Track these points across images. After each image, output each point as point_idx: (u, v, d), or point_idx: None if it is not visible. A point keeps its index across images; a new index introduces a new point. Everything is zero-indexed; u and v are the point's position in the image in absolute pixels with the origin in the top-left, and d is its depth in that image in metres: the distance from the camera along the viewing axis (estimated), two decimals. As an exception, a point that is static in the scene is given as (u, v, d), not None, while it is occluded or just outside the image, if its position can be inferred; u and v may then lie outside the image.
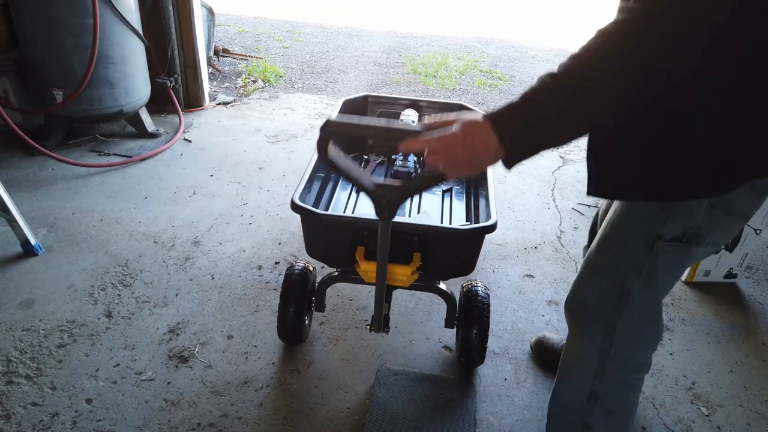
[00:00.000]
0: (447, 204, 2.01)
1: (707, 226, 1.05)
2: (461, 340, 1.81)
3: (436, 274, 1.69)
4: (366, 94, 2.31)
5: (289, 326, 1.80)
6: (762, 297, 2.34)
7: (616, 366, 1.23)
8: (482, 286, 1.81)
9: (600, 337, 1.22)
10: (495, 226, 1.53)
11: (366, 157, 2.20)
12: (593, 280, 1.23)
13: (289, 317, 1.78)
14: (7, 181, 2.70)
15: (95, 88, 2.94)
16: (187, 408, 1.66)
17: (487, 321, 1.75)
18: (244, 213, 2.66)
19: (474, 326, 1.74)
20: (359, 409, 1.69)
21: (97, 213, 2.58)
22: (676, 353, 2.00)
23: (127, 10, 2.97)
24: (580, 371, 1.28)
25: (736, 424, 1.74)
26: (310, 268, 1.85)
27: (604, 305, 1.21)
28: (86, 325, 1.93)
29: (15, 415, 1.60)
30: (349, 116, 0.99)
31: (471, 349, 1.78)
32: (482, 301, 1.76)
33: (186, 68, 3.72)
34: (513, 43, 6.46)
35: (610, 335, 1.21)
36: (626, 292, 1.16)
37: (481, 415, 1.70)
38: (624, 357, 1.23)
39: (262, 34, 6.08)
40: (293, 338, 1.87)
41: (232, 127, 3.61)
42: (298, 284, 1.78)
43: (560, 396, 1.38)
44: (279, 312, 1.79)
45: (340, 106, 2.15)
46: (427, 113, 2.21)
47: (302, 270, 1.81)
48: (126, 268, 2.23)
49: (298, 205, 1.51)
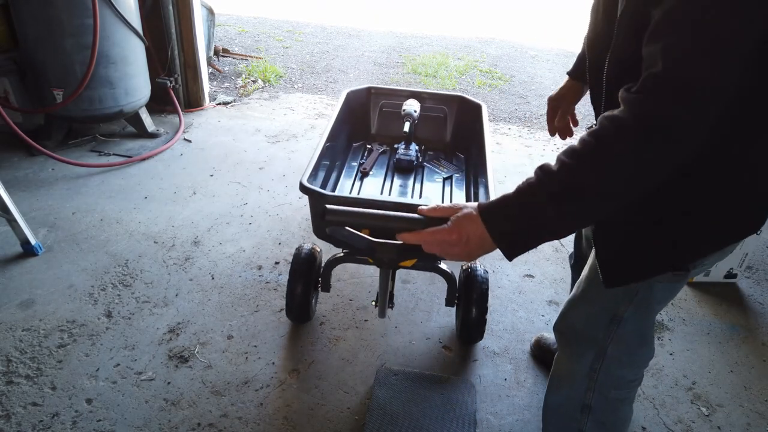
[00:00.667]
0: (447, 191, 2.08)
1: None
2: (461, 318, 1.90)
3: (438, 257, 1.74)
4: (369, 86, 2.39)
5: (297, 304, 1.90)
6: (762, 297, 2.34)
7: (607, 383, 1.23)
8: (481, 267, 1.89)
9: (590, 356, 1.21)
10: None
11: (369, 146, 2.29)
12: (585, 307, 1.22)
13: (297, 296, 1.87)
14: (7, 181, 2.70)
15: (95, 88, 2.94)
16: (187, 408, 1.66)
17: (486, 299, 1.84)
18: (244, 213, 2.66)
19: (473, 304, 1.84)
20: (359, 409, 1.69)
21: (97, 213, 2.58)
22: (676, 353, 2.00)
23: (127, 10, 2.97)
24: (571, 385, 1.28)
25: (736, 424, 1.74)
26: (317, 250, 1.95)
27: (594, 330, 1.19)
28: (86, 325, 1.93)
29: (15, 415, 1.60)
30: (347, 208, 1.15)
31: (470, 327, 1.88)
32: (481, 280, 1.85)
33: (186, 68, 3.72)
34: (513, 43, 6.46)
35: (601, 356, 1.20)
36: (618, 318, 1.15)
37: (481, 415, 1.70)
38: (615, 375, 1.22)
39: (262, 34, 6.08)
40: (301, 316, 1.96)
41: (232, 127, 3.61)
42: (306, 264, 1.87)
43: (553, 404, 1.38)
44: (287, 291, 1.88)
45: (344, 97, 2.22)
46: (428, 104, 2.31)
47: (310, 251, 1.91)
48: (126, 268, 2.23)
49: (307, 187, 1.56)
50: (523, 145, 3.70)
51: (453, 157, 2.30)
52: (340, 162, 2.17)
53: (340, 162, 2.17)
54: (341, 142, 2.22)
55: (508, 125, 4.06)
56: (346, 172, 2.14)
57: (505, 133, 3.90)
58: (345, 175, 2.13)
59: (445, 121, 2.41)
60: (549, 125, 1.54)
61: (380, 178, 2.12)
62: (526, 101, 4.58)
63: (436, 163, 2.24)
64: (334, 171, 2.10)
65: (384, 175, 2.14)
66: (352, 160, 2.23)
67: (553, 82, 5.15)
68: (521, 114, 4.29)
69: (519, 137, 3.85)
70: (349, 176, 2.12)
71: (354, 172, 2.15)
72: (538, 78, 5.24)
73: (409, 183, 2.11)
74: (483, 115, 2.14)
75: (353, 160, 2.23)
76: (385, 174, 2.14)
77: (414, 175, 2.16)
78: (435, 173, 2.20)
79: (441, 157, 2.30)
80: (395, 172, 2.16)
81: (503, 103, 4.51)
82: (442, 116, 2.40)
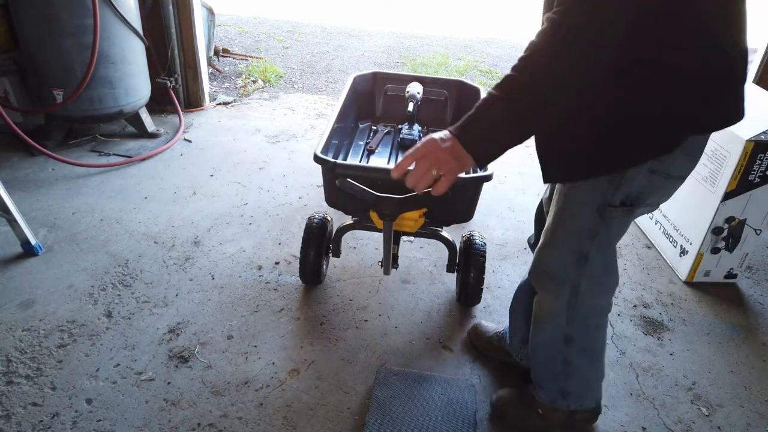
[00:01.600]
0: None
1: (647, 190, 1.23)
2: (460, 284, 2.07)
3: (440, 220, 1.93)
4: (375, 71, 2.56)
5: (310, 267, 2.06)
6: (762, 297, 2.33)
7: (584, 313, 1.42)
8: (479, 236, 2.03)
9: (566, 294, 1.40)
10: (491, 176, 1.70)
11: (375, 127, 2.48)
12: (554, 252, 1.39)
13: (310, 260, 2.04)
14: (7, 181, 2.70)
15: (95, 88, 2.94)
16: (187, 408, 1.66)
17: (483, 266, 1.98)
18: (244, 213, 2.66)
19: (472, 270, 1.98)
20: (359, 409, 1.69)
21: (97, 213, 2.58)
22: (676, 353, 2.00)
23: (128, 10, 2.97)
24: (552, 322, 1.46)
25: (736, 425, 1.74)
26: (328, 218, 2.10)
27: (566, 271, 1.38)
28: (86, 325, 1.93)
29: (15, 415, 1.60)
30: (354, 163, 1.55)
31: (468, 291, 2.03)
32: (479, 248, 1.98)
33: (186, 68, 3.72)
34: (513, 44, 6.46)
35: (576, 291, 1.39)
36: (584, 255, 1.34)
37: (481, 415, 1.70)
38: (589, 306, 1.41)
39: (262, 34, 6.08)
40: (313, 279, 2.13)
41: (232, 127, 3.61)
42: (318, 230, 2.03)
43: (540, 343, 1.53)
44: (301, 255, 2.05)
45: (351, 81, 2.38)
46: (430, 87, 2.46)
47: (322, 218, 2.07)
48: (126, 268, 2.23)
49: (320, 157, 1.70)
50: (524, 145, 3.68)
51: None
52: (348, 142, 2.36)
53: (348, 142, 2.36)
54: (349, 123, 2.38)
55: (508, 125, 4.05)
56: (353, 150, 2.32)
57: (505, 133, 3.90)
58: (352, 153, 2.30)
59: (446, 104, 2.54)
60: None
61: (385, 156, 2.28)
62: (526, 101, 4.57)
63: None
64: (342, 149, 2.27)
65: (389, 153, 2.29)
66: (359, 139, 2.40)
67: (553, 82, 5.15)
68: (521, 114, 4.29)
69: (519, 137, 3.84)
70: (356, 154, 2.30)
71: (361, 150, 2.32)
72: (538, 78, 5.24)
73: None
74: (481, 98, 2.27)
75: (360, 140, 2.39)
76: (389, 152, 2.30)
77: None
78: None
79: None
80: (399, 150, 2.31)
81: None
82: (443, 99, 2.54)
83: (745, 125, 2.07)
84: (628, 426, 1.70)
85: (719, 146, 2.15)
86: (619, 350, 1.99)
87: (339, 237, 2.07)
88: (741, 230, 2.24)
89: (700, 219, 2.25)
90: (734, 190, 2.13)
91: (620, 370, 1.90)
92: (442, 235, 2.02)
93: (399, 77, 2.54)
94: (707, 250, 2.29)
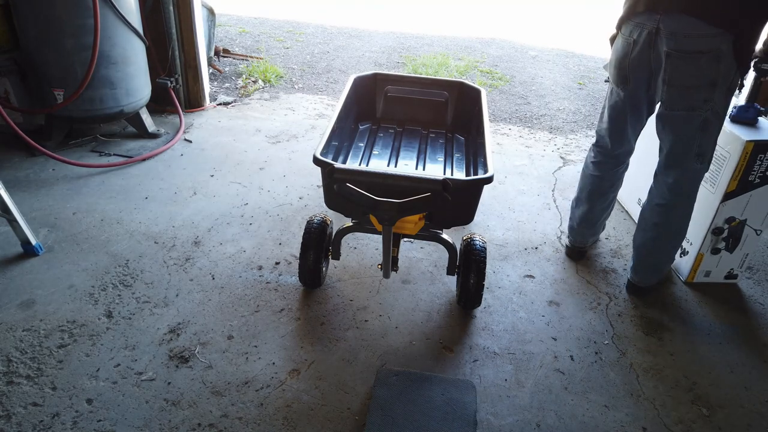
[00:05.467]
0: (449, 172, 2.23)
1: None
2: (461, 286, 2.02)
3: (440, 223, 1.92)
4: (375, 72, 2.55)
5: (309, 270, 2.04)
6: (762, 298, 2.33)
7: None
8: (480, 239, 2.01)
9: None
10: (491, 178, 1.70)
11: (375, 128, 2.47)
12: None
13: (309, 262, 2.02)
14: (8, 181, 2.70)
15: (96, 88, 2.94)
16: (187, 408, 1.66)
17: (484, 268, 1.95)
18: (244, 213, 2.67)
19: (472, 273, 1.95)
20: (359, 409, 1.69)
21: (98, 213, 2.58)
22: (676, 354, 2.00)
23: (128, 10, 2.97)
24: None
25: (736, 425, 1.74)
26: (327, 220, 2.07)
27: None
28: (87, 325, 1.94)
29: (15, 415, 1.60)
30: (352, 167, 1.56)
31: (469, 294, 1.99)
32: (479, 251, 1.96)
33: (186, 68, 3.72)
34: (513, 44, 6.46)
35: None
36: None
37: (481, 415, 1.70)
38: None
39: (263, 34, 6.08)
40: (313, 281, 2.09)
41: (232, 128, 3.61)
42: (317, 233, 2.01)
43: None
44: (300, 258, 2.02)
45: (351, 82, 2.38)
46: (431, 89, 2.49)
47: (321, 221, 2.04)
48: (126, 268, 2.23)
49: (320, 159, 1.69)
50: (524, 146, 3.70)
51: (454, 139, 2.43)
52: (348, 143, 2.34)
53: (348, 143, 2.34)
54: (349, 124, 2.38)
55: (509, 126, 4.06)
56: (353, 152, 2.31)
57: (505, 133, 3.90)
58: (352, 155, 2.30)
59: (447, 106, 2.55)
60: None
61: (385, 159, 2.28)
62: (527, 101, 4.58)
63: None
64: (342, 151, 2.26)
65: (389, 156, 2.30)
66: (359, 141, 2.39)
67: (554, 82, 5.15)
68: (522, 114, 4.29)
69: (519, 137, 3.85)
70: (356, 156, 2.29)
71: (361, 152, 2.31)
72: (538, 78, 5.24)
73: (412, 163, 2.26)
74: (482, 100, 2.29)
75: (360, 142, 2.39)
76: (389, 155, 2.31)
77: (417, 155, 2.32)
78: (437, 153, 2.36)
79: (442, 139, 2.47)
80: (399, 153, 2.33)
81: (504, 103, 4.51)
82: (444, 101, 2.54)
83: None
84: (629, 426, 1.70)
85: (719, 146, 2.15)
86: (620, 350, 1.99)
87: (338, 239, 2.06)
88: (741, 231, 2.24)
89: (700, 219, 2.25)
90: (734, 190, 2.13)
91: (621, 371, 1.90)
92: (443, 238, 2.01)
93: (399, 78, 2.54)
94: (707, 250, 2.29)
